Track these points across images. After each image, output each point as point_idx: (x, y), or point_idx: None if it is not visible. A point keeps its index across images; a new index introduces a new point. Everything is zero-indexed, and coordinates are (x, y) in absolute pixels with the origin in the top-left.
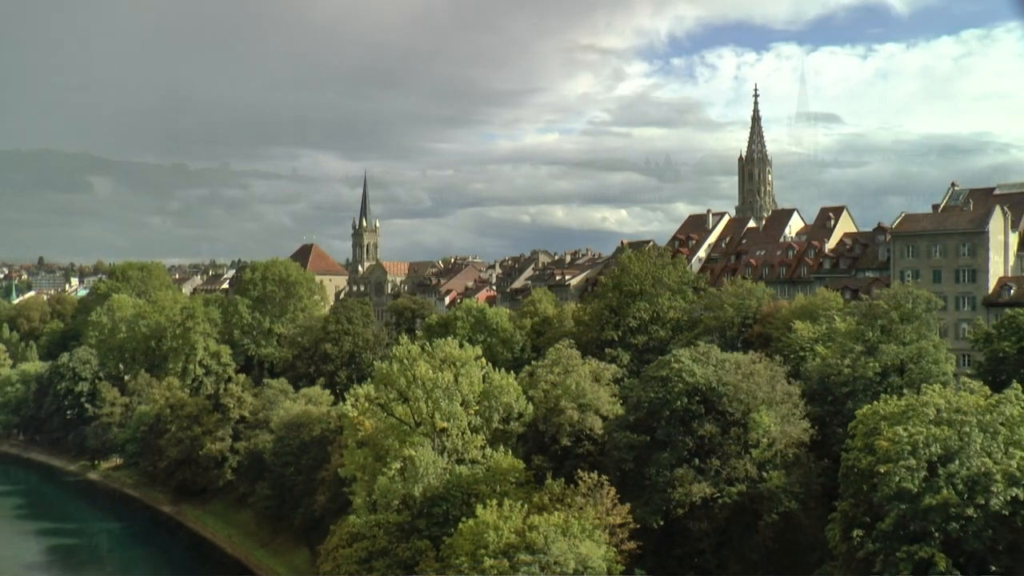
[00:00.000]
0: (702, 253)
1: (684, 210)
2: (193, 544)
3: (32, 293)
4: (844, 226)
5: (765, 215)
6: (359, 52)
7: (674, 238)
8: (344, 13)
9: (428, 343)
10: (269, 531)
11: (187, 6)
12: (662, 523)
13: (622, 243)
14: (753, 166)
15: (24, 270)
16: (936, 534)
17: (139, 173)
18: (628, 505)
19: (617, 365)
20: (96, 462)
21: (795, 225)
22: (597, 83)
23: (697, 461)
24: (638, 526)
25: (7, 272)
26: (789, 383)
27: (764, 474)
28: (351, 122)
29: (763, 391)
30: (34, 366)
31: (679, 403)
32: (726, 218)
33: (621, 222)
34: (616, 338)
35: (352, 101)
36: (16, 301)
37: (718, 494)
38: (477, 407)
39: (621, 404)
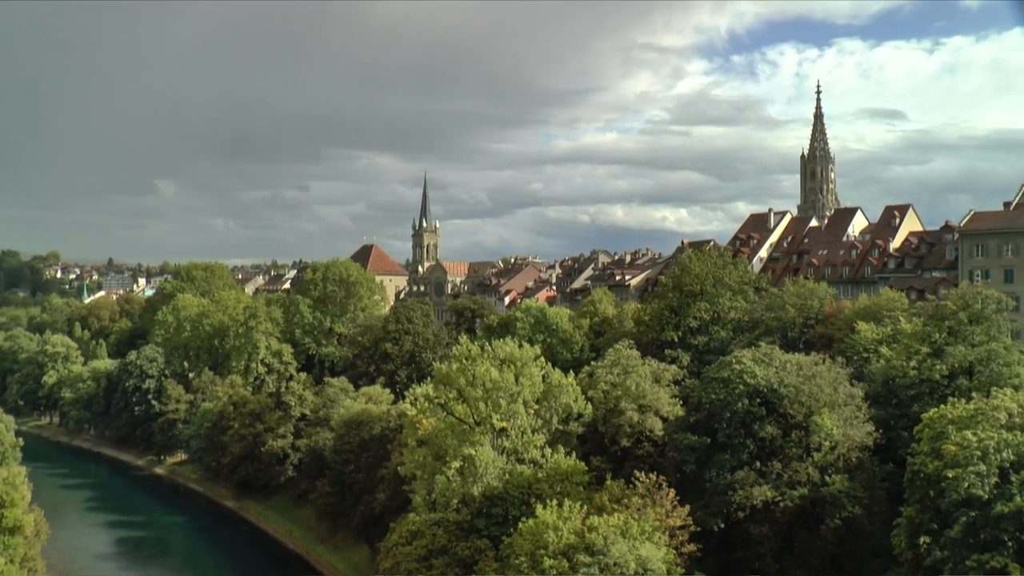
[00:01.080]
0: (763, 253)
1: (744, 209)
2: (255, 538)
3: (102, 293)
4: (909, 225)
5: (828, 214)
6: (416, 53)
7: (735, 237)
8: (400, 15)
9: (488, 343)
10: (329, 527)
11: (246, 14)
12: (722, 526)
13: (682, 243)
14: (815, 164)
15: (95, 271)
16: (1009, 543)
17: (201, 176)
18: (687, 507)
19: (677, 366)
20: (162, 457)
21: (858, 224)
22: (656, 81)
23: (758, 464)
24: (698, 528)
25: (79, 273)
26: (852, 385)
27: (826, 478)
28: (409, 123)
29: (825, 393)
30: (104, 363)
31: (740, 405)
32: (788, 217)
33: (681, 222)
34: (676, 339)
35: (409, 102)
36: (87, 301)
37: (779, 497)
38: (536, 407)
39: (681, 405)
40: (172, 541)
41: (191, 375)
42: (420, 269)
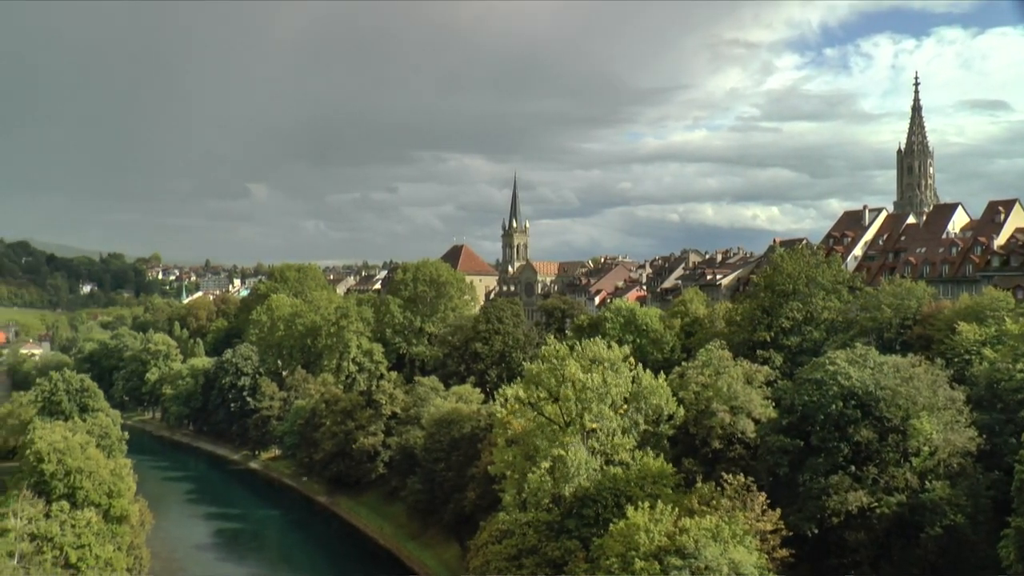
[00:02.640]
0: (858, 251)
1: (837, 207)
2: (346, 534)
3: (200, 293)
4: (1016, 220)
5: (926, 210)
6: (502, 54)
7: (828, 235)
8: (485, 16)
9: (577, 343)
10: (420, 524)
11: (333, 20)
12: (816, 531)
13: (774, 241)
14: (913, 158)
15: (193, 272)
16: None
17: (293, 179)
18: (778, 511)
19: (769, 367)
20: (257, 452)
21: (959, 220)
22: (745, 77)
23: (853, 468)
24: (790, 533)
25: (178, 274)
26: (952, 388)
27: (926, 484)
28: (496, 124)
29: (924, 396)
30: (201, 361)
31: (834, 407)
32: (884, 214)
33: (772, 220)
34: (768, 339)
35: (496, 103)
36: (186, 301)
37: (876, 503)
38: (625, 408)
39: (774, 407)
40: (267, 534)
41: (284, 373)
42: (510, 269)
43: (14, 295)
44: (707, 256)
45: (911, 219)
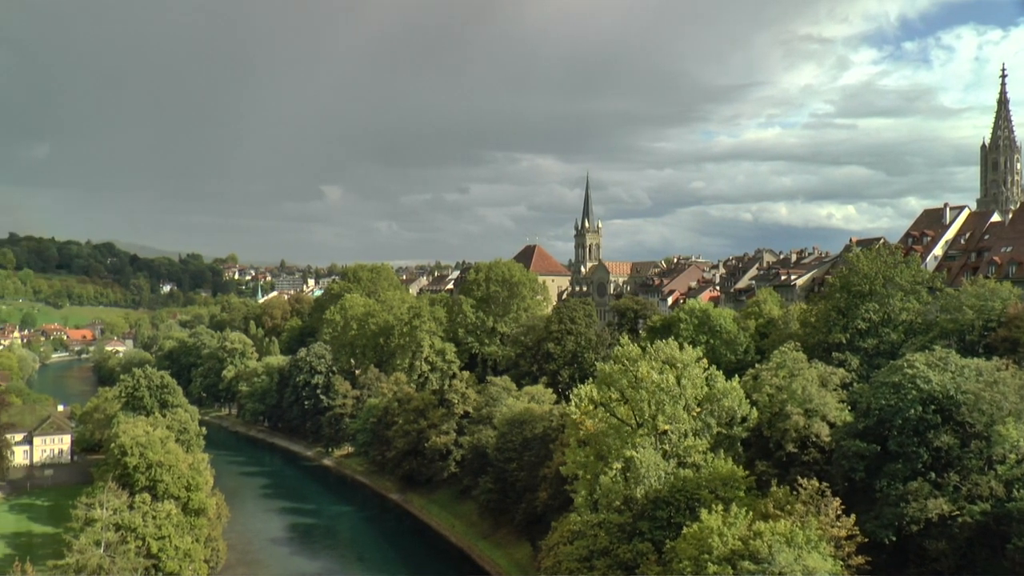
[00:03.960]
0: (938, 250)
1: (915, 205)
2: (418, 531)
3: (275, 293)
4: None
5: (1012, 207)
6: (572, 53)
7: (907, 235)
8: (555, 15)
9: (650, 344)
10: (491, 524)
11: (404, 23)
12: (894, 539)
13: (850, 241)
14: (998, 154)
15: (268, 272)
16: None
17: (366, 181)
18: (854, 517)
19: (845, 369)
20: (330, 449)
21: None
22: (820, 73)
23: (933, 475)
24: (866, 540)
25: (254, 274)
26: None
27: (1013, 493)
28: (567, 124)
29: (1010, 401)
30: (276, 360)
31: (913, 412)
32: (966, 212)
33: (848, 219)
34: (844, 341)
35: (568, 103)
36: (261, 300)
37: (957, 512)
38: (699, 410)
39: (850, 411)
40: (340, 530)
41: (357, 372)
42: (583, 269)
43: (100, 294)
44: (781, 256)
45: (996, 217)
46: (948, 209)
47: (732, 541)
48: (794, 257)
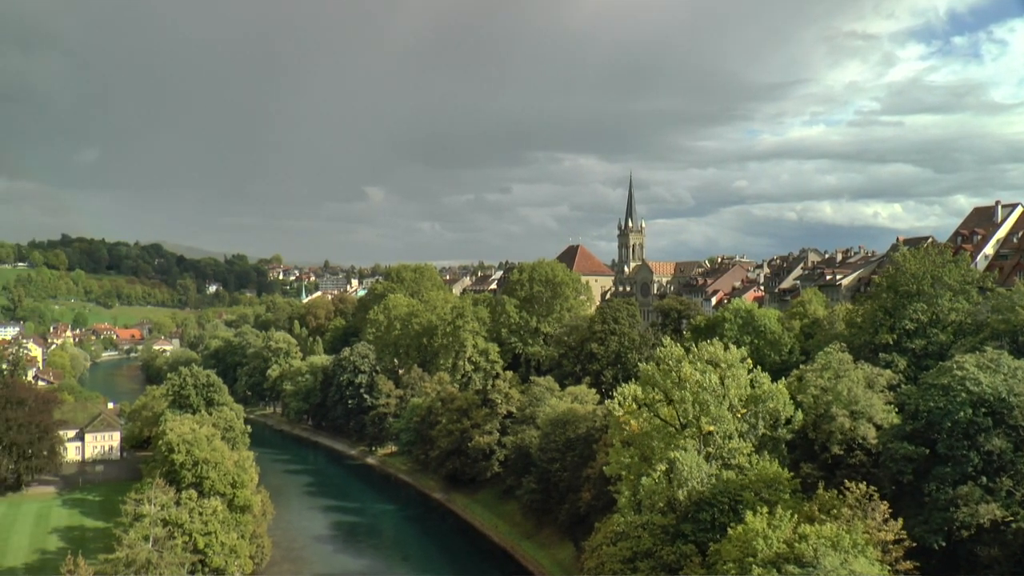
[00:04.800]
0: (989, 249)
1: (964, 203)
2: (461, 530)
3: (319, 293)
4: None
5: None
6: (614, 52)
7: (956, 233)
8: (597, 14)
9: (694, 344)
10: (534, 524)
11: (446, 24)
12: (943, 544)
13: (897, 240)
14: None
15: (312, 272)
16: None
17: (408, 182)
18: (901, 521)
19: (892, 371)
20: (373, 448)
21: None
22: (865, 70)
23: (984, 479)
24: (914, 545)
25: (298, 274)
26: None
27: None
28: (609, 123)
29: None
30: (320, 359)
31: (962, 414)
32: (1019, 210)
33: (894, 217)
34: (891, 342)
35: (610, 102)
36: (305, 300)
37: (1011, 517)
38: (743, 411)
39: (897, 413)
40: (383, 528)
41: (400, 371)
42: (626, 269)
43: (148, 295)
44: (826, 255)
45: None
46: (999, 207)
47: (777, 544)
48: (839, 257)
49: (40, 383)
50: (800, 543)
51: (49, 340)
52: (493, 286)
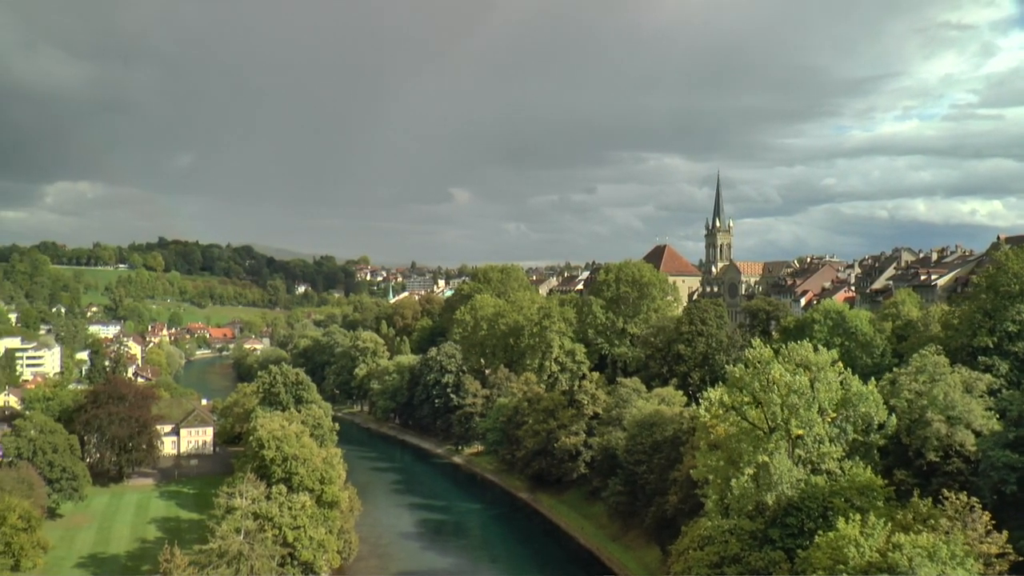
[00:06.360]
0: None
1: None
2: (547, 531)
3: (406, 294)
4: None
5: None
6: (699, 49)
7: None
8: (679, 12)
9: (783, 346)
10: (620, 526)
11: (530, 25)
12: None
13: (998, 238)
14: None
15: (399, 273)
16: None
17: (493, 183)
18: (1005, 533)
19: (992, 375)
20: (460, 447)
21: None
22: (962, 61)
23: None
24: (1021, 559)
25: (385, 275)
26: None
27: None
28: (695, 122)
29: None
30: (407, 359)
31: None
32: None
33: (993, 215)
34: (991, 344)
35: (695, 100)
36: (392, 301)
37: None
38: (834, 415)
39: (998, 419)
40: (470, 527)
41: (487, 371)
42: (713, 270)
43: (239, 295)
44: (921, 255)
45: None
46: None
47: (869, 552)
48: (935, 256)
49: (139, 379)
50: (894, 552)
51: (147, 339)
52: (579, 286)
